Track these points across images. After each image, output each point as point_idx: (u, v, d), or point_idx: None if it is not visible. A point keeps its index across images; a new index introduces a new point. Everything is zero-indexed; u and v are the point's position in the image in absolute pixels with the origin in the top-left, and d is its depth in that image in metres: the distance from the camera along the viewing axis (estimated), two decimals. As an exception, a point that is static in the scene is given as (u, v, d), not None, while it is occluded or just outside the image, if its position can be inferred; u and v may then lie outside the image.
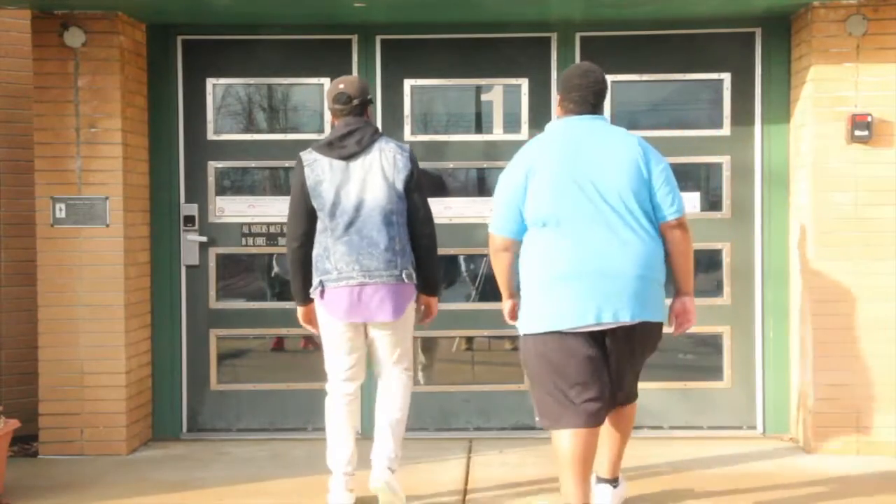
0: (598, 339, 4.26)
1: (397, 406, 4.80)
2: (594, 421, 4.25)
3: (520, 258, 4.37)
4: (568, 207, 4.23)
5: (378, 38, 6.18)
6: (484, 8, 5.82)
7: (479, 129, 6.30)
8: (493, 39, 6.22)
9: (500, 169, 6.15)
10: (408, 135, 6.16)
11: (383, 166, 4.66)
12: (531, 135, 6.18)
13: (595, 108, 4.45)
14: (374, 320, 4.68)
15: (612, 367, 4.32)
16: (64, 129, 5.83)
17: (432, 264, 4.79)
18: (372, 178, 4.65)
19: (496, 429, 6.20)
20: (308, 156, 4.73)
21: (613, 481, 4.69)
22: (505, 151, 6.17)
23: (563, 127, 4.43)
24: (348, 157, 4.67)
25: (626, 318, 4.20)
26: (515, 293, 4.45)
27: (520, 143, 6.14)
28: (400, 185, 4.66)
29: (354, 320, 4.69)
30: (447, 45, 6.23)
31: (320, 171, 4.68)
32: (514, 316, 4.50)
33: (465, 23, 6.12)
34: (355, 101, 4.73)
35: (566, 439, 4.24)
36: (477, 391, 6.28)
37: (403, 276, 4.65)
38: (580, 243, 4.21)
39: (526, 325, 4.35)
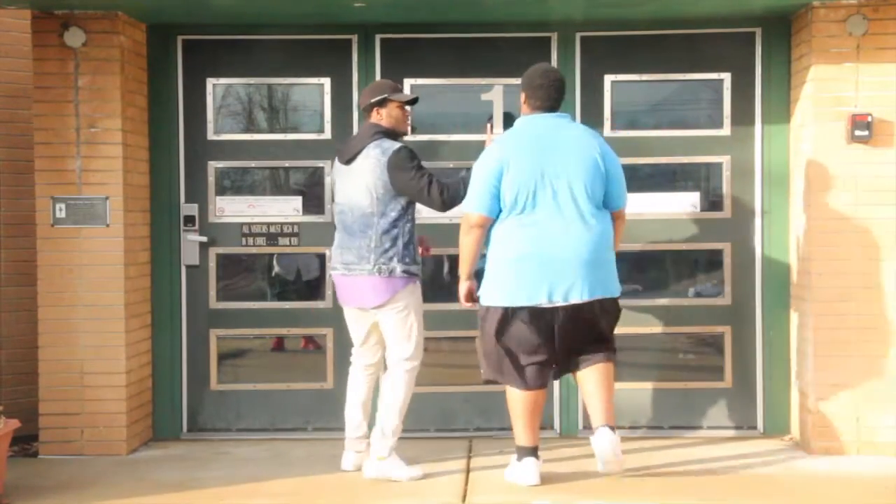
0: (551, 314, 4.93)
1: (388, 392, 5.20)
2: (536, 384, 5.01)
3: (491, 239, 5.00)
4: (535, 196, 4.90)
5: (377, 38, 6.17)
6: (484, 8, 5.82)
7: (479, 128, 6.29)
8: (493, 39, 6.21)
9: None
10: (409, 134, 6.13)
11: (364, 172, 5.13)
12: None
13: (557, 103, 5.09)
14: (361, 306, 5.25)
15: (567, 338, 4.98)
16: (64, 129, 5.83)
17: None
18: (359, 181, 5.18)
19: (497, 429, 6.18)
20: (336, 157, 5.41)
21: (611, 427, 4.99)
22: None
23: (533, 123, 5.06)
24: (347, 162, 5.25)
25: (577, 298, 4.91)
26: (472, 277, 5.11)
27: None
28: (380, 190, 5.11)
29: (350, 305, 5.31)
30: (448, 44, 6.22)
31: (334, 172, 5.42)
32: (469, 298, 5.11)
33: (465, 22, 6.11)
34: (361, 109, 5.37)
35: (518, 396, 5.04)
36: (477, 391, 6.25)
37: (377, 269, 5.11)
38: (543, 230, 4.89)
39: (490, 298, 5.01)
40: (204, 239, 6.25)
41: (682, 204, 6.21)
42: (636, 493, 5.00)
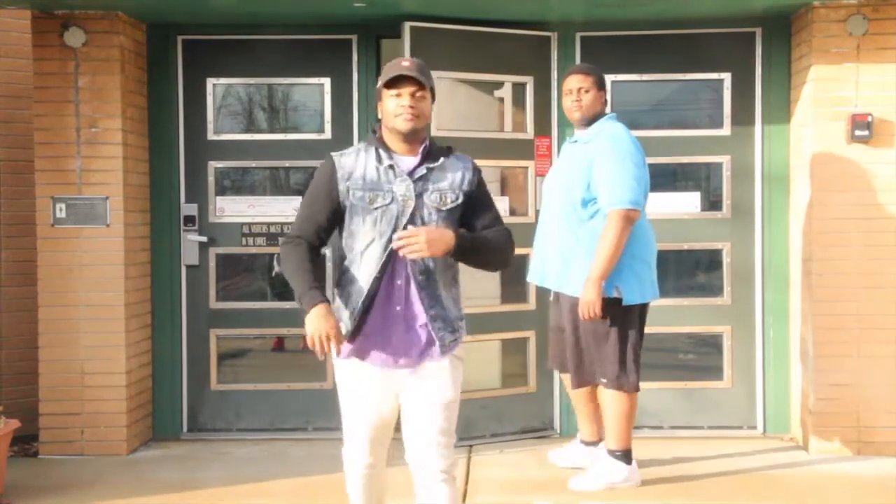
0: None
1: None
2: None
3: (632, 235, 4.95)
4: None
5: (408, 25, 5.93)
6: (484, 6, 5.82)
7: (483, 126, 6.27)
8: (493, 38, 6.17)
9: (504, 168, 6.23)
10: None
11: None
12: (536, 133, 6.18)
13: None
14: None
15: None
16: (64, 129, 5.83)
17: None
18: None
19: (509, 433, 6.13)
20: None
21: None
22: (510, 150, 6.18)
23: None
24: None
25: None
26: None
27: (524, 142, 6.18)
28: None
29: None
30: (450, 40, 6.16)
31: None
32: (600, 300, 4.88)
33: (466, 19, 6.09)
34: None
35: (632, 399, 5.04)
36: (492, 397, 6.18)
37: None
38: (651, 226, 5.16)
39: (637, 294, 4.99)
40: (204, 239, 6.25)
41: (682, 204, 6.21)
42: (636, 493, 5.01)
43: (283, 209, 6.27)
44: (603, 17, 6.04)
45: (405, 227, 3.51)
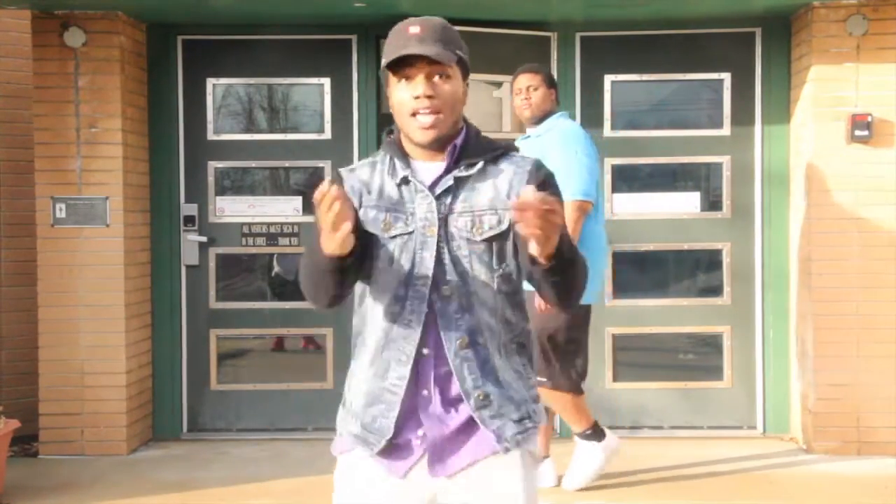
0: None
1: None
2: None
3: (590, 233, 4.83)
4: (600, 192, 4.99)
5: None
6: (484, 6, 5.82)
7: (482, 126, 6.26)
8: (492, 38, 6.19)
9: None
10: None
11: None
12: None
13: None
14: None
15: None
16: (64, 129, 5.83)
17: None
18: None
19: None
20: None
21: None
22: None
23: None
24: None
25: None
26: None
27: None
28: None
29: None
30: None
31: None
32: None
33: (466, 20, 6.09)
34: None
35: (580, 397, 4.96)
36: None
37: None
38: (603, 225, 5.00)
39: (594, 294, 4.81)
40: (204, 239, 6.25)
41: (682, 204, 6.21)
42: (636, 494, 5.01)
43: (283, 209, 6.27)
44: (603, 17, 6.04)
45: (432, 268, 2.26)
